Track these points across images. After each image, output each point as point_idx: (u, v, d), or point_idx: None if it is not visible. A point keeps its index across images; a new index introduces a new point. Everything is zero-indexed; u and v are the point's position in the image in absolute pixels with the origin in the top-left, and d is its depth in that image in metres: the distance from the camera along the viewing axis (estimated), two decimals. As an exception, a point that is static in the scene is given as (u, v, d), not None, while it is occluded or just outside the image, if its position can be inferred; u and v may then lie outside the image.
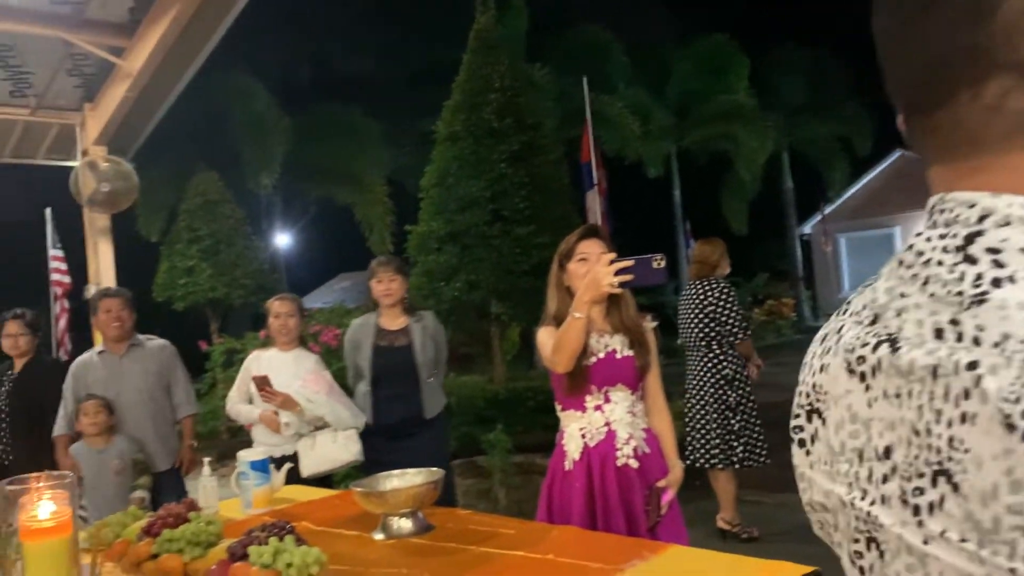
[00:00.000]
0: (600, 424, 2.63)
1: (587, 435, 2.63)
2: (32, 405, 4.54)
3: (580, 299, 2.46)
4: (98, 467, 3.96)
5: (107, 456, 3.98)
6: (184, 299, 10.44)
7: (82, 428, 4.00)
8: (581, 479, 2.60)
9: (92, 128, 6.47)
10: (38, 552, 1.04)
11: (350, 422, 3.90)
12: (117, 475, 3.96)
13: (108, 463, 3.96)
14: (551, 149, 6.56)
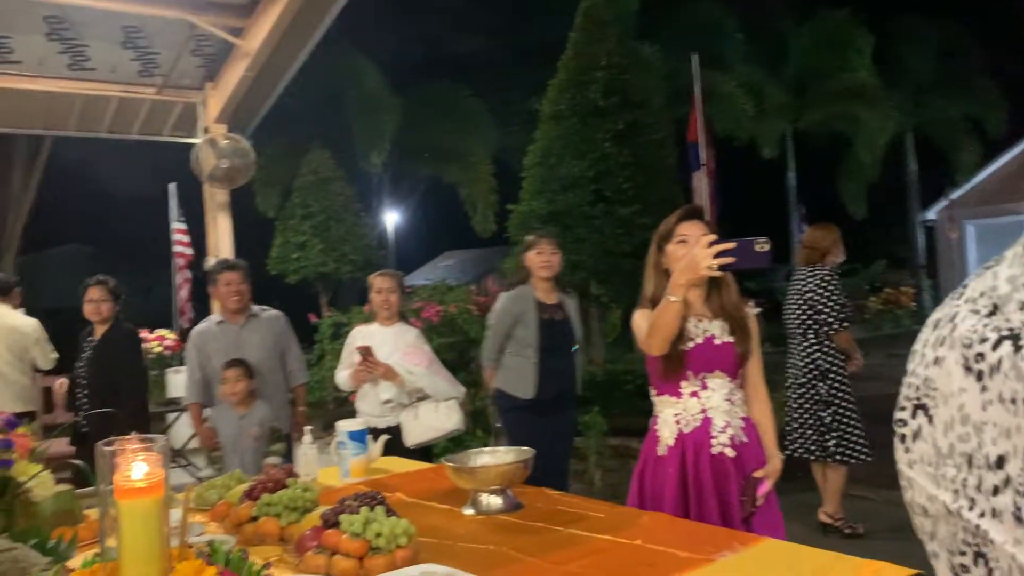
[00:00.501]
0: (696, 411, 2.56)
1: (682, 421, 2.57)
2: (111, 371, 4.69)
3: (676, 281, 2.38)
4: (238, 431, 4.08)
5: (247, 421, 4.08)
6: (296, 273, 10.82)
7: (223, 395, 4.11)
8: (674, 465, 2.55)
9: (213, 106, 6.76)
10: (132, 510, 1.08)
11: (450, 393, 3.98)
12: (256, 440, 4.06)
13: (248, 428, 4.07)
14: (657, 128, 6.41)
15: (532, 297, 4.14)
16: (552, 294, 4.20)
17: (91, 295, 4.73)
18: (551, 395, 4.11)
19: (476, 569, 1.82)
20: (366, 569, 1.90)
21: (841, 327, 4.55)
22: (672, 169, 6.58)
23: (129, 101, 6.65)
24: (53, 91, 6.27)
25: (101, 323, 4.77)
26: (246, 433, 4.07)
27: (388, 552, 1.94)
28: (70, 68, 6.20)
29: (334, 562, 1.92)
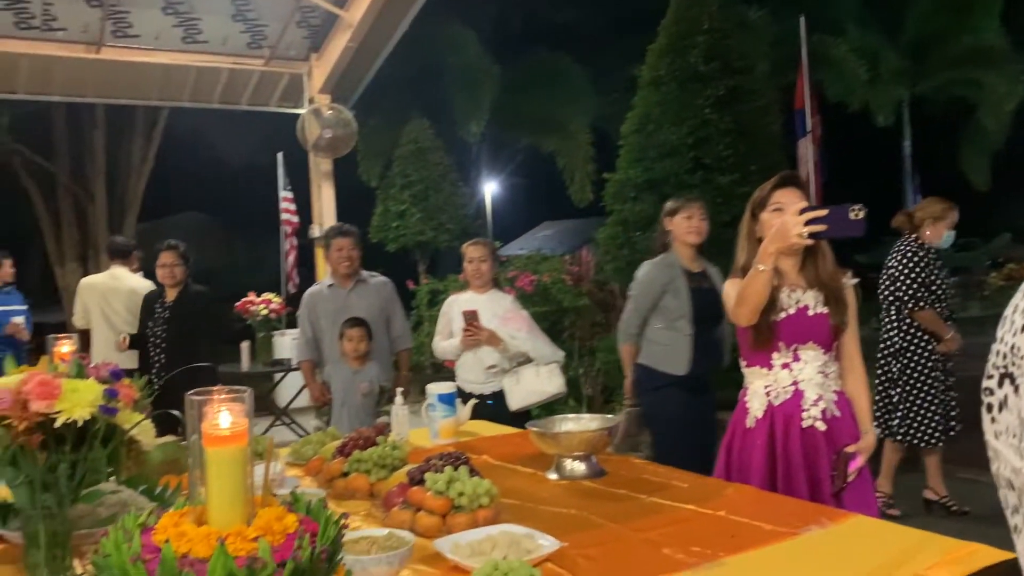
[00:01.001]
0: (787, 383, 2.49)
1: (772, 393, 2.51)
2: (187, 332, 4.86)
3: (765, 250, 2.31)
4: (349, 386, 4.24)
5: (359, 377, 4.25)
6: (396, 241, 11.04)
7: (344, 351, 4.25)
8: (762, 438, 2.50)
9: (317, 77, 6.92)
10: (217, 457, 1.13)
11: (551, 356, 4.01)
12: (364, 396, 4.23)
13: (358, 384, 4.23)
14: (761, 94, 6.18)
15: (679, 264, 3.83)
16: (696, 262, 3.91)
17: (164, 260, 4.90)
18: (703, 370, 3.80)
19: (556, 532, 1.84)
20: (448, 526, 1.95)
21: (918, 306, 4.30)
22: (776, 136, 6.34)
23: (239, 72, 6.86)
24: (168, 63, 6.54)
25: (173, 286, 4.94)
26: (357, 388, 4.23)
27: (470, 511, 1.98)
28: (184, 41, 6.45)
29: (418, 518, 1.97)
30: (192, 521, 1.14)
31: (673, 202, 3.96)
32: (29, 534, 1.52)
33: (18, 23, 5.90)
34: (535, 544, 1.77)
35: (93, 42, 6.15)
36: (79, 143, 12.64)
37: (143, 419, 1.63)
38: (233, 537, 1.07)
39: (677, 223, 3.85)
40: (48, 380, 1.47)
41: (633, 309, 3.93)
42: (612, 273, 6.43)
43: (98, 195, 12.64)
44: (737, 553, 1.74)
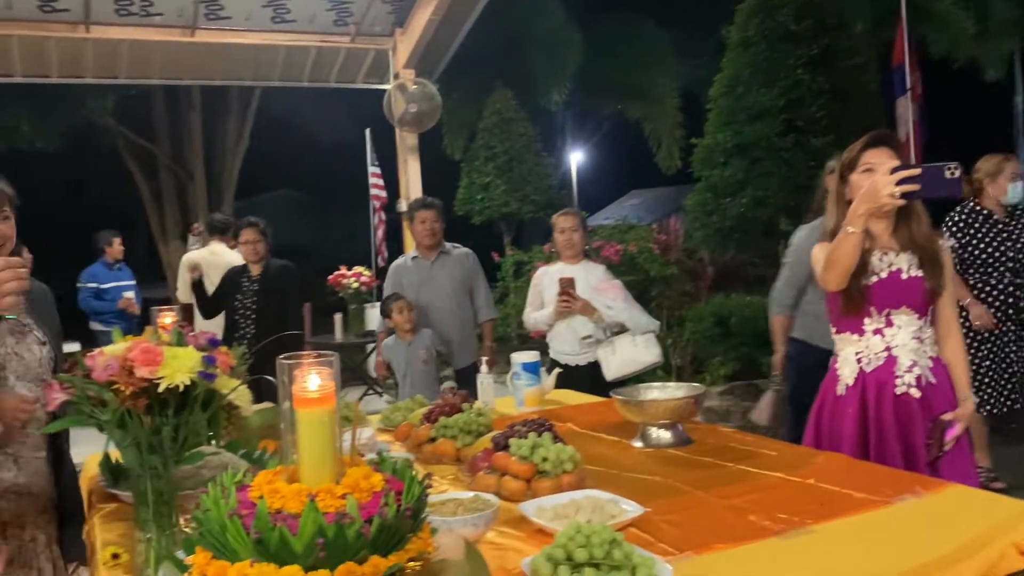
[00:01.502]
0: (879, 349, 2.42)
1: (863, 360, 2.44)
2: (277, 304, 5.00)
3: (855, 211, 2.23)
4: (408, 358, 4.39)
5: (415, 347, 4.40)
6: (481, 213, 11.08)
7: (396, 323, 4.42)
8: (854, 405, 2.43)
9: (402, 52, 6.99)
10: (307, 418, 1.18)
11: (648, 326, 3.97)
12: (425, 364, 4.37)
13: (416, 352, 4.37)
14: (856, 52, 5.90)
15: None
16: None
17: (246, 236, 5.05)
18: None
19: (640, 498, 1.84)
20: (533, 490, 1.98)
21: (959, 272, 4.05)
22: (873, 96, 6.06)
23: (326, 50, 6.99)
24: (259, 44, 6.71)
25: (257, 262, 5.09)
26: (415, 358, 4.33)
27: (554, 476, 2.00)
28: (273, 21, 6.60)
29: (503, 482, 2.00)
30: (284, 479, 1.19)
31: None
32: (138, 492, 1.62)
33: (118, 10, 6.15)
34: (619, 509, 1.78)
35: (188, 25, 6.37)
36: (178, 125, 13.16)
37: (239, 384, 1.70)
38: (323, 494, 1.12)
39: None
40: (151, 348, 1.55)
41: (788, 277, 3.72)
42: (701, 241, 6.31)
43: (197, 175, 13.15)
44: (826, 520, 1.71)
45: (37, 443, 2.18)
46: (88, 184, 17.85)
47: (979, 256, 4.07)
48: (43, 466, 2.20)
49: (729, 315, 5.88)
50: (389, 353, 4.52)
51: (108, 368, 1.53)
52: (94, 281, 7.52)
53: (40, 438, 2.18)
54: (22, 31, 6.00)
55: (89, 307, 7.46)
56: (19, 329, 2.15)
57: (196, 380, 1.57)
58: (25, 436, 2.14)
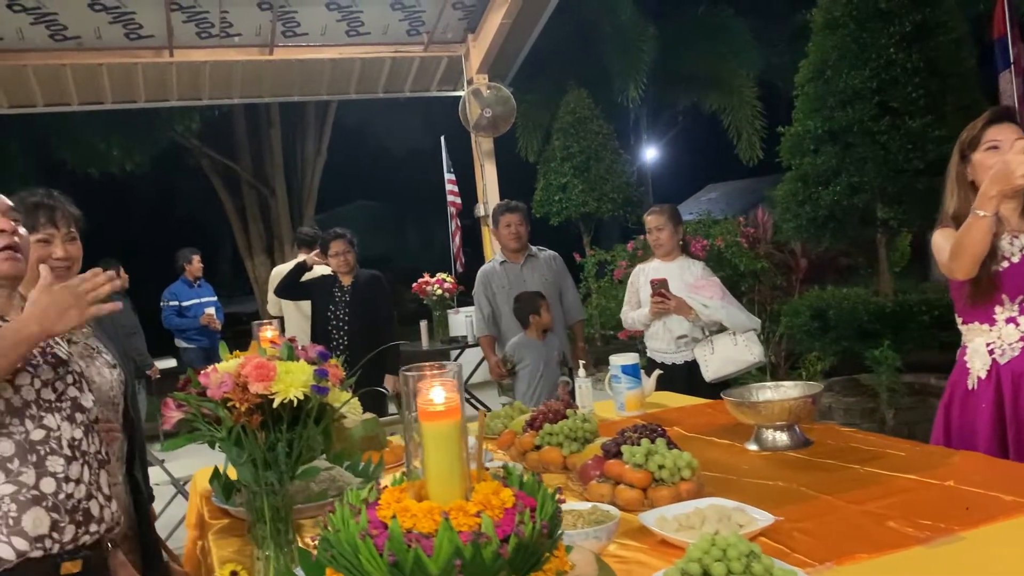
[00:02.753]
0: (1014, 339, 2.26)
1: (996, 351, 2.29)
2: (370, 313, 4.97)
3: (985, 193, 2.10)
4: (545, 358, 4.26)
5: (550, 347, 4.31)
6: (559, 214, 11.00)
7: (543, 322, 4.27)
8: (988, 400, 2.28)
9: (475, 58, 6.97)
10: (433, 433, 1.13)
11: (748, 324, 3.81)
12: (559, 365, 4.31)
13: (552, 353, 4.29)
14: (952, 27, 5.59)
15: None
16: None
17: (336, 248, 5.04)
18: None
19: (765, 505, 1.74)
20: (651, 499, 1.90)
21: None
22: (972, 72, 5.73)
23: (400, 61, 7.03)
24: (335, 58, 6.79)
25: (347, 273, 5.08)
26: (552, 359, 4.26)
27: (672, 484, 1.91)
28: (348, 34, 6.67)
29: (618, 492, 1.93)
30: (412, 496, 1.14)
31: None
32: (256, 509, 1.60)
33: (200, 33, 6.30)
34: (747, 518, 1.68)
35: (266, 44, 6.48)
36: (258, 142, 13.48)
37: (352, 397, 1.67)
38: (455, 512, 1.06)
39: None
40: (264, 363, 1.53)
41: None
42: (792, 232, 6.08)
43: (278, 190, 13.44)
44: (976, 527, 1.59)
45: (114, 470, 2.13)
46: (176, 204, 18.49)
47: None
48: (122, 494, 2.17)
49: (827, 308, 5.64)
50: (520, 352, 4.33)
51: (223, 385, 1.52)
52: (175, 299, 7.74)
53: (117, 465, 2.16)
54: (111, 59, 6.21)
55: (172, 324, 7.68)
56: (88, 353, 2.14)
57: (310, 394, 1.55)
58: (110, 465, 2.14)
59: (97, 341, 2.21)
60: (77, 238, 2.19)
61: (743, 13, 13.02)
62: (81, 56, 6.14)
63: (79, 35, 5.99)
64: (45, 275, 1.63)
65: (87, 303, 1.59)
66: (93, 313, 1.61)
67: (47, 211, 2.11)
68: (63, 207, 2.15)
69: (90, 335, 2.20)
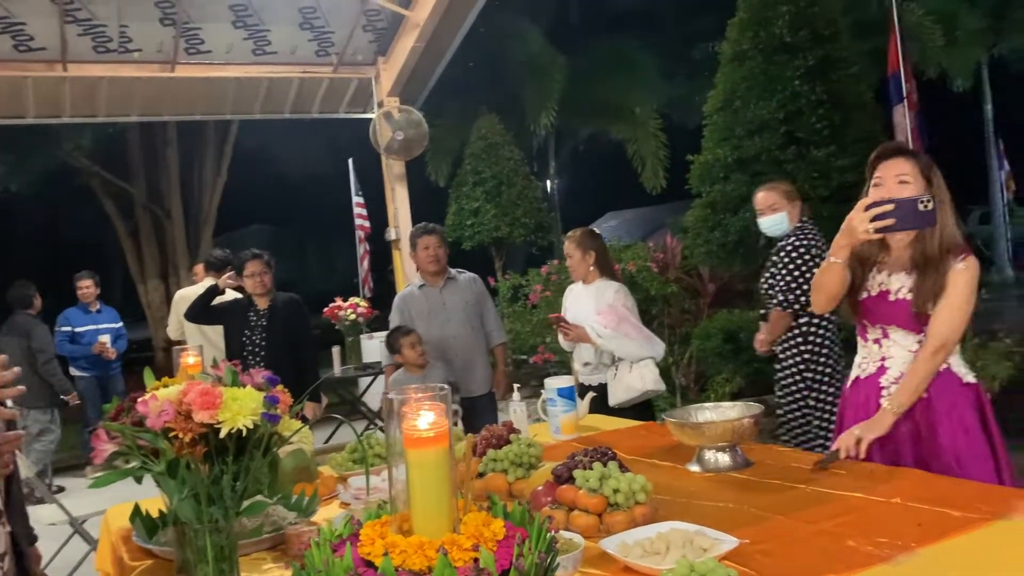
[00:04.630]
0: (876, 358, 2.46)
1: (862, 364, 2.51)
2: (287, 338, 4.77)
3: (837, 243, 2.28)
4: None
5: (429, 381, 4.14)
6: (471, 239, 10.98)
7: (408, 359, 4.21)
8: (851, 408, 2.50)
9: (385, 80, 6.88)
10: (420, 460, 1.06)
11: (639, 354, 3.81)
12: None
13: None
14: (851, 62, 5.88)
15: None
16: None
17: (252, 268, 4.81)
18: None
19: (721, 527, 1.73)
20: (607, 525, 1.85)
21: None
22: (871, 105, 6.06)
23: (308, 81, 6.86)
24: (240, 76, 6.58)
25: (263, 295, 4.86)
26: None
27: (627, 508, 1.88)
28: (254, 53, 6.48)
29: (573, 518, 1.88)
30: (395, 530, 1.06)
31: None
32: (198, 549, 1.47)
33: (96, 47, 6.00)
34: (709, 541, 1.65)
35: (168, 61, 6.22)
36: (154, 162, 12.92)
37: (303, 426, 1.56)
38: (449, 546, 0.99)
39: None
40: (209, 390, 1.42)
41: None
42: (703, 257, 6.23)
43: (174, 212, 12.89)
44: (932, 543, 1.61)
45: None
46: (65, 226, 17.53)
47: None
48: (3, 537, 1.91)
49: (738, 330, 5.79)
50: (399, 385, 4.35)
51: (163, 414, 1.39)
52: (68, 325, 7.30)
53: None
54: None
55: (63, 351, 7.22)
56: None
57: (259, 423, 1.44)
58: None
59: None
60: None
61: (646, 48, 13.41)
62: (-37, 66, 5.75)
63: (-37, 44, 5.61)
64: None
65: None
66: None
67: None
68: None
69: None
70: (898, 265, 2.39)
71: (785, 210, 4.03)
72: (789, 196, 4.07)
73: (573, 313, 4.00)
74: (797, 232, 3.98)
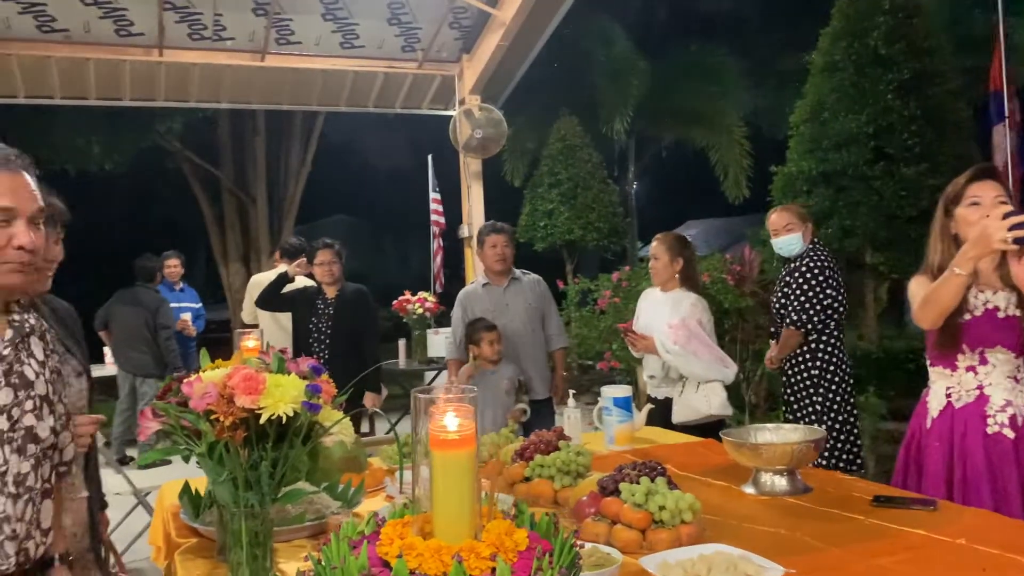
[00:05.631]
0: (971, 386, 2.36)
1: (953, 395, 2.40)
2: (353, 328, 4.84)
3: (964, 254, 2.18)
4: (491, 387, 4.15)
5: (499, 376, 4.20)
6: (543, 240, 10.94)
7: (484, 353, 4.19)
8: (940, 439, 2.39)
9: (468, 78, 6.91)
10: (445, 462, 1.02)
11: (706, 376, 3.67)
12: (507, 394, 4.20)
13: (500, 383, 4.18)
14: (949, 78, 5.63)
15: None
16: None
17: (322, 258, 4.90)
18: None
19: (770, 554, 1.66)
20: (649, 542, 1.80)
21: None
22: (967, 123, 5.78)
23: (393, 76, 6.94)
24: (328, 69, 6.69)
25: (332, 284, 4.94)
26: (498, 388, 4.16)
27: (672, 527, 1.82)
28: (342, 46, 6.58)
29: (615, 532, 1.83)
30: (415, 532, 1.04)
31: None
32: (232, 532, 1.48)
33: (191, 34, 6.18)
34: (754, 567, 1.59)
35: (258, 50, 6.37)
36: (241, 149, 13.29)
37: (344, 417, 1.56)
38: (467, 554, 0.96)
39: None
40: (252, 375, 1.42)
41: None
42: (782, 272, 6.04)
43: (259, 199, 13.24)
44: (996, 591, 1.50)
45: (79, 484, 1.97)
46: (154, 206, 18.20)
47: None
48: (83, 508, 2.00)
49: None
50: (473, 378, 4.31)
51: (206, 396, 1.40)
52: None
53: (81, 478, 1.99)
54: (98, 55, 6.06)
55: None
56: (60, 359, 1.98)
57: (300, 411, 1.43)
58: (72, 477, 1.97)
59: (66, 344, 2.05)
60: (61, 240, 2.04)
61: (733, 54, 13.14)
62: (68, 49, 5.99)
63: (67, 28, 5.85)
64: None
65: None
66: None
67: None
68: (55, 206, 1.99)
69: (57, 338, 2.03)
70: (991, 284, 2.36)
71: (800, 231, 4.12)
72: (803, 218, 4.17)
73: (646, 320, 3.89)
74: (810, 252, 4.09)
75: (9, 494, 1.47)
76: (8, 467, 1.47)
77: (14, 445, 1.48)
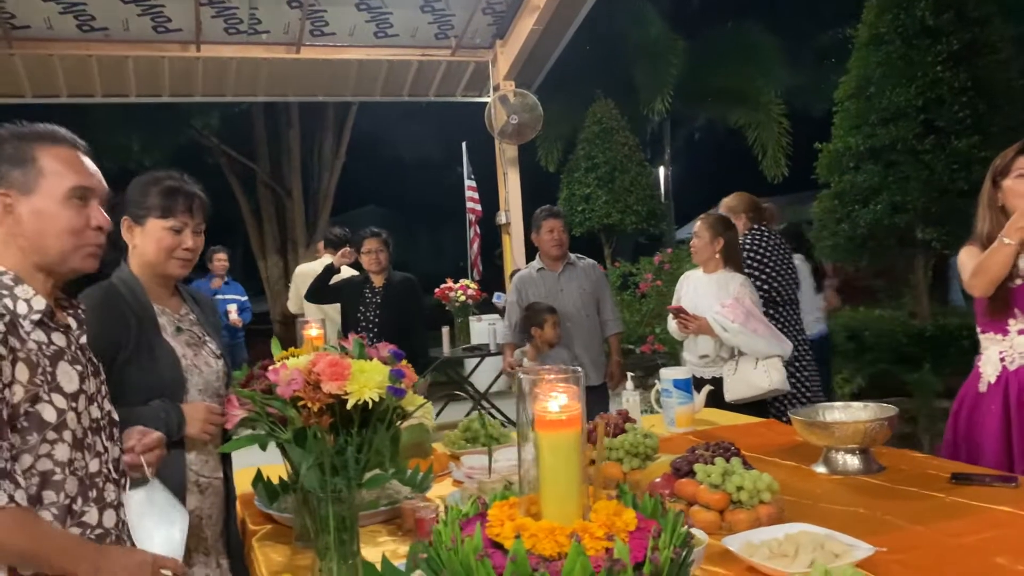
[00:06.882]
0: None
1: (1007, 359, 2.41)
2: (401, 316, 4.83)
3: (1014, 224, 2.24)
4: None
5: (554, 360, 4.17)
6: (581, 225, 10.88)
7: (546, 337, 4.19)
8: (996, 402, 2.38)
9: (502, 64, 6.88)
10: (551, 444, 1.02)
11: (769, 351, 3.65)
12: None
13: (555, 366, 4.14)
14: (999, 47, 5.47)
15: None
16: None
17: (369, 246, 4.91)
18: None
19: (853, 534, 1.62)
20: (728, 523, 1.78)
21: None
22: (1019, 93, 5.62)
23: (427, 64, 6.93)
24: (362, 59, 6.70)
25: (379, 272, 4.94)
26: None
27: (751, 507, 1.80)
28: (376, 36, 6.58)
29: (693, 513, 1.81)
30: (523, 513, 1.03)
31: None
32: (320, 517, 1.48)
33: (228, 29, 6.22)
34: (842, 547, 1.56)
35: (293, 42, 6.40)
36: (276, 142, 13.38)
37: (426, 402, 1.56)
38: (582, 533, 0.95)
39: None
40: (338, 361, 1.42)
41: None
42: (829, 251, 5.91)
43: (295, 191, 13.33)
44: (1095, 568, 1.46)
45: (215, 465, 2.07)
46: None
47: None
48: (221, 489, 2.08)
49: (863, 329, 5.50)
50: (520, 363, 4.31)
51: (292, 383, 1.41)
52: None
53: (216, 460, 2.07)
54: (137, 52, 6.12)
55: None
56: (195, 342, 2.04)
57: (385, 396, 1.43)
58: (208, 455, 2.03)
59: (203, 330, 2.09)
60: (203, 231, 2.07)
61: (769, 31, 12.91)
62: (108, 47, 6.06)
63: (107, 26, 5.92)
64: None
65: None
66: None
67: (186, 198, 1.99)
68: (200, 195, 2.03)
69: (196, 323, 2.08)
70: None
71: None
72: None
73: (692, 302, 3.85)
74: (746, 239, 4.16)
75: (115, 480, 1.50)
76: (109, 454, 1.50)
77: (106, 432, 1.50)
